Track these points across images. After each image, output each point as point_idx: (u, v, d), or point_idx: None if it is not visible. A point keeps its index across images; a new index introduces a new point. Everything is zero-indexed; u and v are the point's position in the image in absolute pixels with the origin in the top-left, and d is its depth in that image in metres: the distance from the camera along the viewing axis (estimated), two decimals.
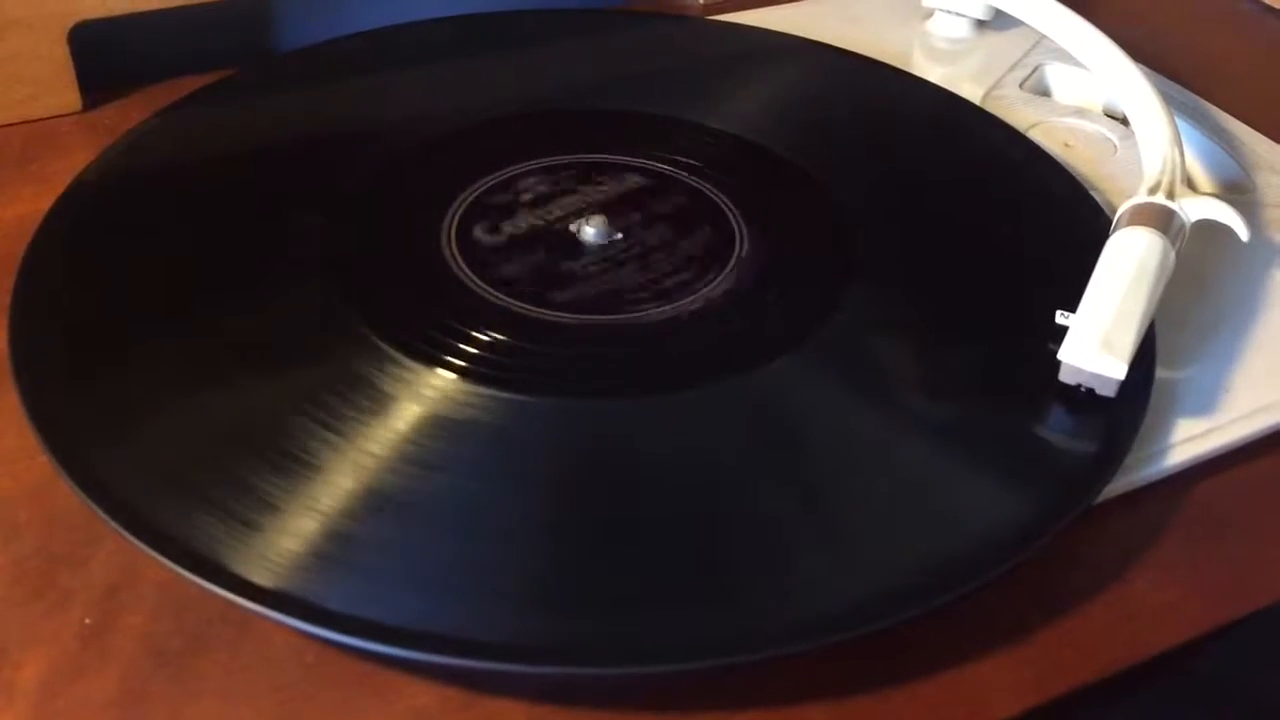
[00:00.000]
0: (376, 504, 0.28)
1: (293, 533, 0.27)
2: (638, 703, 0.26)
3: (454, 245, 0.36)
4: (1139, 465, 0.31)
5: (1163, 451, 0.32)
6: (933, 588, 0.27)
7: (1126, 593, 0.29)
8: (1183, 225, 0.35)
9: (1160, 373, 0.33)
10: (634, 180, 0.39)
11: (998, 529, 0.28)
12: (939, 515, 0.29)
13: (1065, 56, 0.47)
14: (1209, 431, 0.33)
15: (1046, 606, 0.29)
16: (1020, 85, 0.48)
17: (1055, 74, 0.50)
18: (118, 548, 0.28)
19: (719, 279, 0.35)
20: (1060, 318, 0.32)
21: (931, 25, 0.53)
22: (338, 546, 0.27)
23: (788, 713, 0.26)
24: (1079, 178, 0.41)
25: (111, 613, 0.27)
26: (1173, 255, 0.34)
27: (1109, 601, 0.29)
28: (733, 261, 0.36)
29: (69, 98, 0.44)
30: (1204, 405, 0.33)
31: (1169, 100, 0.41)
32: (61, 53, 0.43)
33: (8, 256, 0.34)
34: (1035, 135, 0.44)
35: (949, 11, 0.52)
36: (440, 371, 0.31)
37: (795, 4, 0.55)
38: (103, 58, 0.45)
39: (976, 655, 0.27)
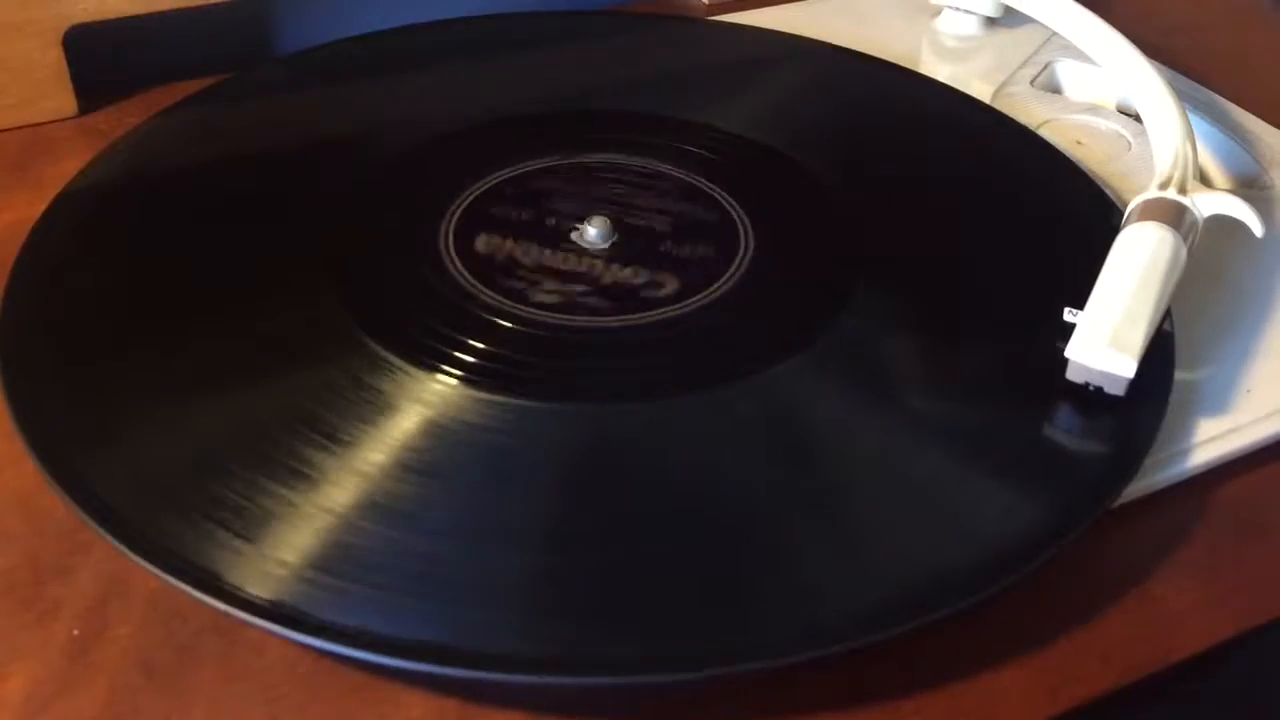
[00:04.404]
0: (372, 512, 0.27)
1: (286, 542, 0.26)
2: (640, 714, 0.25)
3: (453, 248, 0.35)
4: (1159, 467, 0.31)
5: (1183, 453, 0.31)
6: (946, 594, 0.26)
7: (1147, 598, 0.28)
8: (1195, 221, 0.34)
9: (1179, 373, 0.32)
10: (638, 182, 0.39)
11: (1014, 533, 0.27)
12: (952, 519, 0.28)
13: (1077, 53, 0.47)
14: (1230, 432, 0.32)
15: (1065, 613, 0.28)
16: (1031, 83, 0.47)
17: (1066, 71, 0.49)
18: (106, 557, 0.28)
19: (724, 281, 0.34)
20: (1068, 315, 0.31)
21: (940, 23, 0.52)
22: (332, 555, 0.26)
23: None
24: (1091, 175, 0.40)
25: (100, 624, 0.26)
26: (1184, 251, 0.33)
27: (1129, 607, 0.28)
28: (738, 263, 0.35)
29: (64, 102, 0.44)
30: (1224, 405, 0.33)
31: (1183, 96, 0.40)
32: (56, 56, 0.43)
33: (1, 262, 0.34)
34: (1046, 133, 0.43)
35: (958, 9, 0.51)
36: (439, 377, 0.30)
37: (800, 4, 0.54)
38: (98, 62, 0.45)
39: (992, 664, 0.27)
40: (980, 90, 0.46)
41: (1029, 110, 0.45)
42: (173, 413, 0.29)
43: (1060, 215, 0.39)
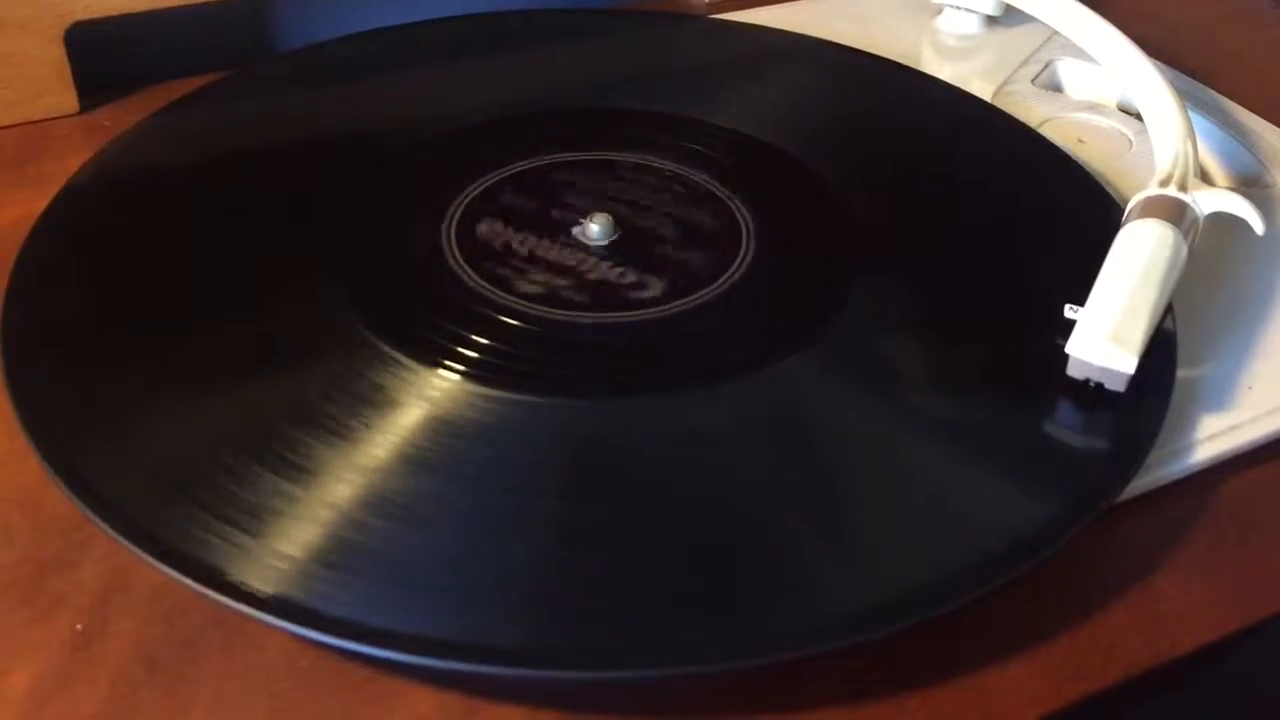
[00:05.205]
0: (375, 507, 0.27)
1: (289, 537, 0.26)
2: (641, 708, 0.25)
3: (454, 245, 0.35)
4: (1161, 464, 0.30)
5: (1185, 450, 0.31)
6: (948, 590, 0.26)
7: (1150, 594, 0.28)
8: (1195, 218, 0.34)
9: (1180, 370, 0.32)
10: (640, 179, 0.39)
11: (1016, 530, 0.27)
12: (953, 516, 0.28)
13: (1077, 52, 0.47)
14: (1231, 429, 0.32)
15: (1067, 609, 0.28)
16: (1032, 81, 0.47)
17: (1067, 69, 0.49)
18: (109, 552, 0.27)
19: (726, 277, 0.34)
20: (1069, 311, 0.31)
21: (940, 22, 0.52)
22: (335, 550, 0.26)
23: None
24: (1092, 173, 0.40)
25: (102, 619, 0.26)
26: (1185, 248, 0.33)
27: (1132, 603, 0.28)
28: (740, 260, 0.35)
29: (65, 99, 0.44)
30: (1226, 402, 0.33)
31: (1183, 94, 0.40)
32: (57, 53, 0.43)
33: (2, 258, 0.34)
34: (1047, 131, 0.43)
35: (958, 8, 0.51)
36: (441, 372, 0.30)
37: (800, 2, 0.54)
38: (100, 59, 0.45)
39: (994, 660, 0.27)
40: (981, 89, 0.46)
41: (1030, 109, 0.45)
42: (175, 408, 0.29)
43: (1061, 213, 0.39)
